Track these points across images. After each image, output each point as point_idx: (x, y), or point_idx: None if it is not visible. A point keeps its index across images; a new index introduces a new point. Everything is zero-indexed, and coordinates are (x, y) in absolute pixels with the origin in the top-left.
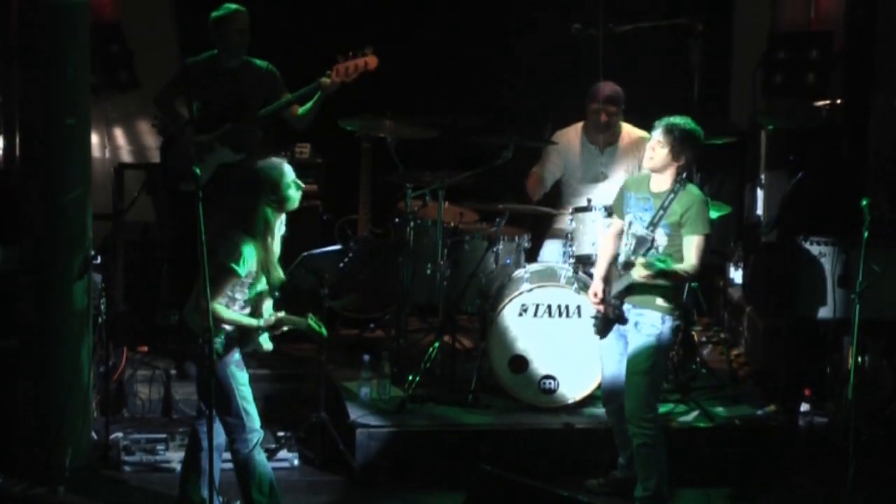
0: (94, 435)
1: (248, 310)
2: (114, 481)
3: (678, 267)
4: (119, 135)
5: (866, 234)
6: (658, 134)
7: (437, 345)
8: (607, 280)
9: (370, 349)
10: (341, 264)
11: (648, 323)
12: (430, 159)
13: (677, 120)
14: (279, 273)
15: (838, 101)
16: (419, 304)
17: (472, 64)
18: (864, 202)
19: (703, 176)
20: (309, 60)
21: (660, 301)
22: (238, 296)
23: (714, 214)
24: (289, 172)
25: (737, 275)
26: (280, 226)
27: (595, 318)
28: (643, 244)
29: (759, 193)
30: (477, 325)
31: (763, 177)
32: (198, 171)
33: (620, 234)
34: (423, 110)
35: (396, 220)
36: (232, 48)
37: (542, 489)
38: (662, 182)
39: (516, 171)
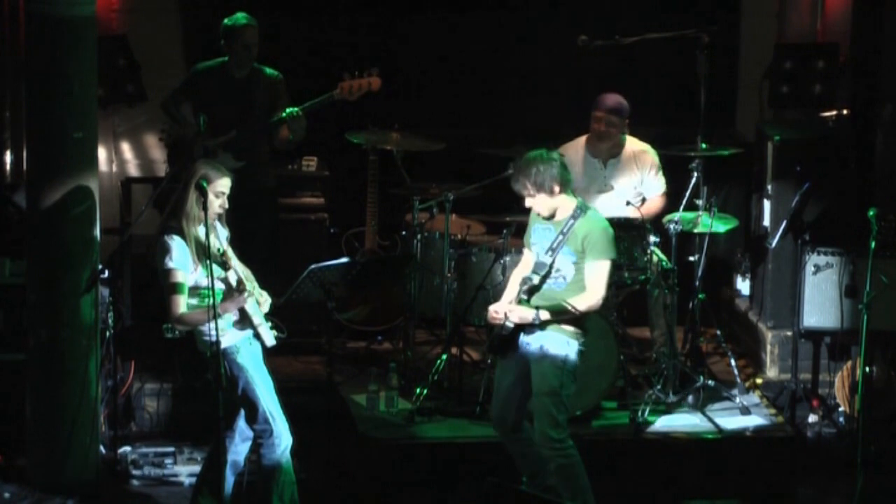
0: (102, 449)
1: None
2: (122, 495)
3: (575, 301)
4: (126, 148)
5: (873, 244)
6: (523, 189)
7: (444, 357)
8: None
9: (378, 362)
10: (349, 277)
11: (554, 345)
12: (437, 172)
13: (526, 164)
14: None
15: (845, 112)
16: (426, 317)
17: (479, 76)
18: (871, 212)
19: (710, 187)
20: (316, 74)
21: (565, 325)
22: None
23: (721, 228)
24: (221, 184)
25: (744, 286)
26: (216, 224)
27: (494, 337)
28: (541, 268)
29: (766, 204)
30: (484, 337)
31: (770, 187)
32: (204, 183)
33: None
34: (430, 123)
35: (403, 232)
36: (240, 60)
37: (549, 500)
38: (562, 211)
39: None
